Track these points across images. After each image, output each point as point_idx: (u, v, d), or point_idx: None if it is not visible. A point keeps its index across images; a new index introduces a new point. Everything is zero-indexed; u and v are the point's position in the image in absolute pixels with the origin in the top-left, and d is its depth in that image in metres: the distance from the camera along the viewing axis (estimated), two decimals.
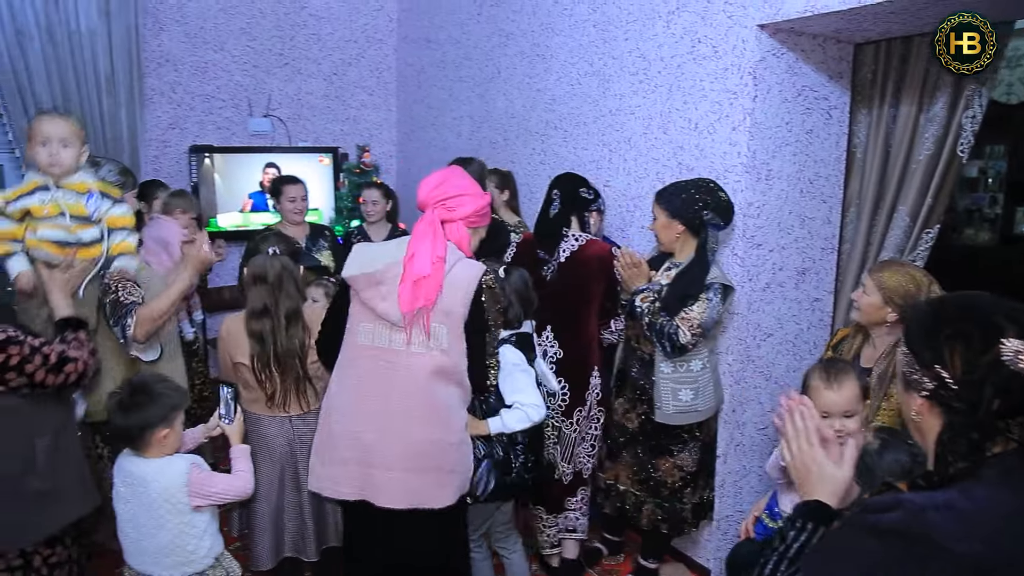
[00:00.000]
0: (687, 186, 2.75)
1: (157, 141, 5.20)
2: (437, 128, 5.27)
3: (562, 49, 3.82)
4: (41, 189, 2.36)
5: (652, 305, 2.73)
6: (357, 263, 2.26)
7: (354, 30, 5.73)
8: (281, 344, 2.64)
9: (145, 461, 2.18)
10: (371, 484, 2.22)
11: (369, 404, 2.24)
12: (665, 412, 2.77)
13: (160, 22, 5.10)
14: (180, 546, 2.20)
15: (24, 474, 2.06)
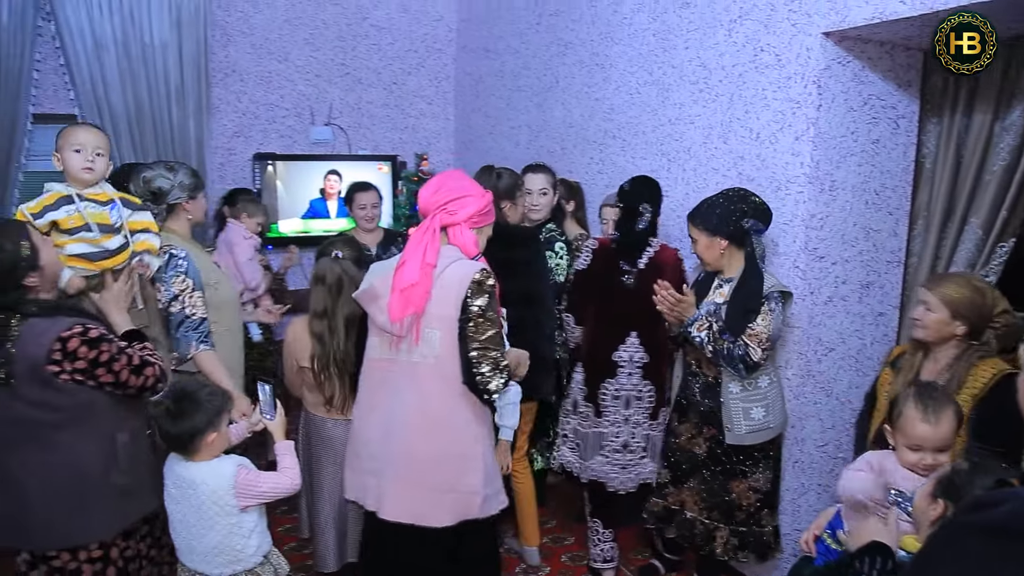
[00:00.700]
0: (719, 200, 2.70)
1: (223, 149, 5.36)
2: (495, 137, 5.30)
3: (621, 58, 3.81)
4: (65, 201, 2.39)
5: (711, 332, 2.66)
6: (366, 281, 2.36)
7: (414, 40, 5.81)
8: (339, 347, 2.69)
9: (194, 465, 2.22)
10: (381, 495, 2.26)
11: (377, 416, 2.30)
12: (737, 433, 2.70)
13: (228, 34, 5.25)
14: (230, 546, 2.24)
15: (108, 469, 2.16)
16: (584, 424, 3.04)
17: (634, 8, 3.69)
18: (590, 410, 3.02)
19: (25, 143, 4.75)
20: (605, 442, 3.01)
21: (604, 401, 3.00)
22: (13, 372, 1.99)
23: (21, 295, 2.05)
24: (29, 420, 2.05)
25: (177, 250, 2.73)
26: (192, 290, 2.70)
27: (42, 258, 2.11)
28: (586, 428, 3.04)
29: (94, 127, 2.57)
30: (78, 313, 2.16)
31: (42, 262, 2.11)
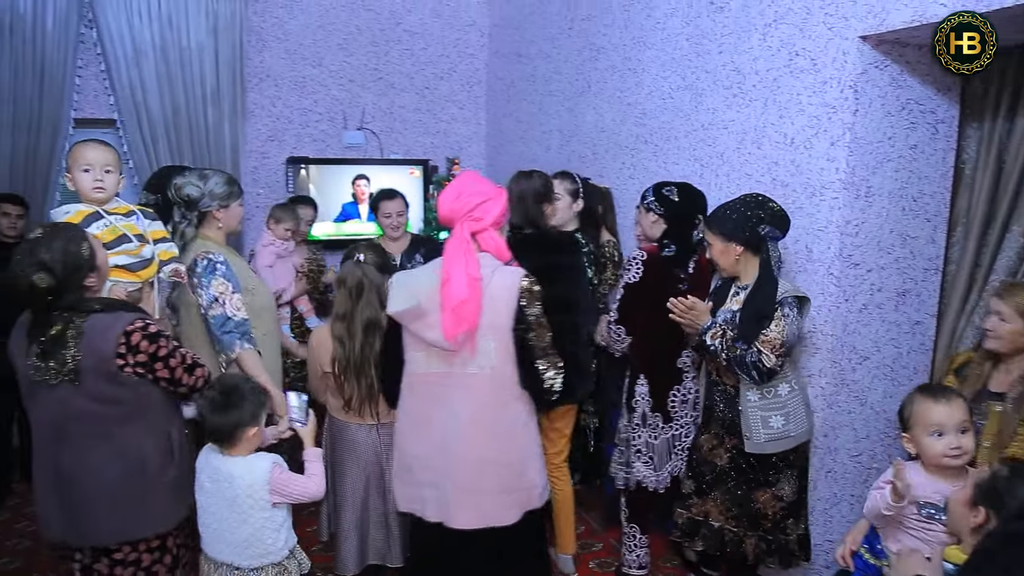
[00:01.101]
0: (736, 205, 2.68)
1: (257, 153, 5.43)
2: (526, 142, 5.31)
3: (654, 63, 3.79)
4: (93, 217, 2.44)
5: (723, 340, 2.65)
6: (401, 297, 2.30)
7: (446, 45, 5.84)
8: (356, 350, 2.71)
9: (232, 459, 2.28)
10: (445, 506, 2.29)
11: (434, 429, 2.30)
12: (756, 442, 2.67)
13: (263, 39, 5.32)
14: (260, 539, 2.30)
15: (164, 463, 2.23)
16: (654, 434, 3.05)
17: (667, 13, 3.68)
18: (659, 419, 3.04)
19: (67, 147, 4.86)
20: (676, 443, 3.05)
21: (674, 407, 3.03)
22: (80, 368, 2.05)
23: (82, 295, 2.11)
24: (93, 415, 2.11)
25: (214, 255, 2.78)
26: (232, 292, 2.75)
27: (98, 259, 2.18)
28: (656, 438, 3.04)
29: (101, 143, 2.58)
30: (135, 309, 2.23)
31: (98, 263, 2.18)
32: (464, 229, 2.27)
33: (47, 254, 2.02)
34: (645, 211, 3.07)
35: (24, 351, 2.12)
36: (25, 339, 2.12)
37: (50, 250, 2.03)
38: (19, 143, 4.70)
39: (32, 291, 2.02)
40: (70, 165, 2.50)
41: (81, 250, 2.10)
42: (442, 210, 2.34)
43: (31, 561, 3.70)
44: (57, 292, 2.04)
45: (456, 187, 2.35)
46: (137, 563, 2.22)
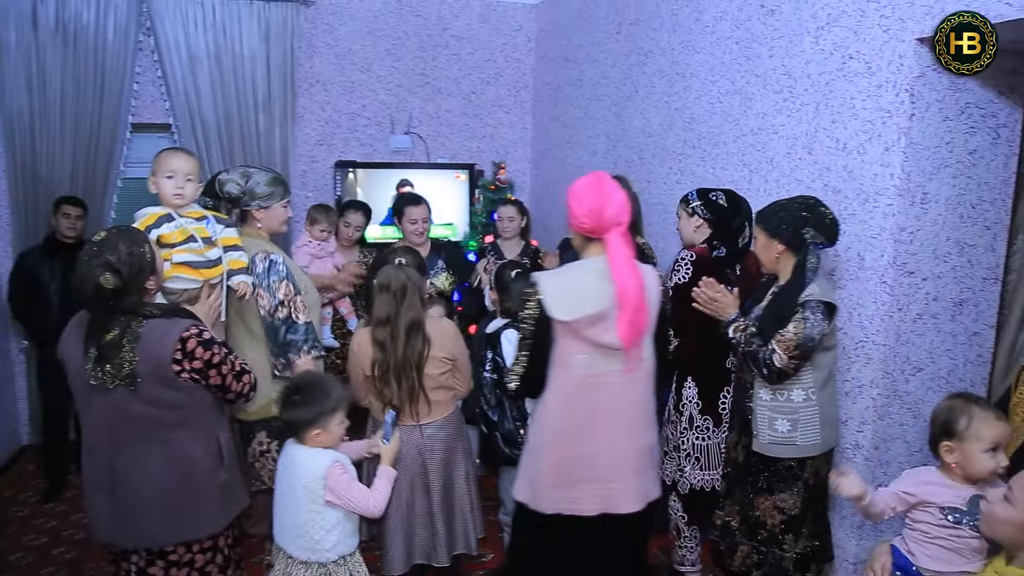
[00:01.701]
0: (788, 204, 2.64)
1: (306, 156, 5.52)
2: (572, 146, 5.30)
3: (703, 67, 3.75)
4: (165, 219, 2.52)
5: (744, 333, 2.65)
6: (571, 304, 2.30)
7: (493, 50, 5.87)
8: (399, 353, 2.73)
9: (300, 447, 2.42)
10: (610, 497, 2.39)
11: (599, 427, 2.38)
12: (760, 441, 2.65)
13: (313, 45, 5.41)
14: (307, 532, 2.38)
15: (215, 466, 2.28)
16: (703, 437, 3.04)
17: (717, 17, 3.64)
18: (708, 422, 3.02)
19: (124, 151, 5.01)
20: (725, 447, 3.01)
21: (724, 410, 3.01)
22: (137, 372, 2.09)
23: (141, 298, 2.17)
24: (149, 419, 2.16)
25: (274, 255, 2.81)
26: (295, 295, 2.78)
27: (157, 263, 2.24)
28: (705, 441, 3.04)
29: (185, 152, 2.68)
30: (190, 316, 2.27)
31: (157, 267, 2.24)
32: (621, 234, 2.34)
33: (113, 255, 2.08)
34: (688, 215, 3.03)
35: (79, 354, 2.15)
36: (80, 343, 2.15)
37: (116, 252, 2.08)
38: (80, 147, 4.85)
39: (98, 292, 2.06)
40: (155, 170, 2.60)
41: (144, 252, 2.15)
42: (591, 219, 2.32)
43: (86, 552, 3.81)
44: (120, 293, 2.09)
45: (602, 193, 2.34)
46: (191, 564, 2.26)
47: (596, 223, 2.32)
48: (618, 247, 2.31)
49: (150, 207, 2.59)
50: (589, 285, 2.32)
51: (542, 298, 2.30)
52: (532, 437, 2.50)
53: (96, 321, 2.14)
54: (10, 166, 4.79)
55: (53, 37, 4.72)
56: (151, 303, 2.22)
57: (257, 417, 2.89)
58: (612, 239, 2.32)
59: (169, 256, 2.46)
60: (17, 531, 4.03)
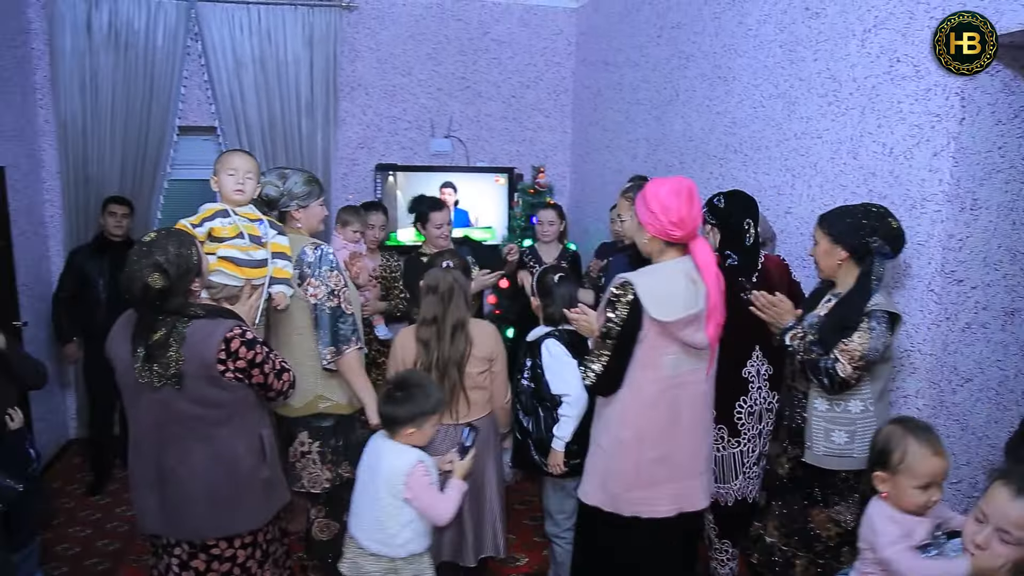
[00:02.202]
0: (854, 210, 2.57)
1: (347, 160, 5.58)
2: (612, 150, 5.28)
3: (745, 71, 3.71)
4: (221, 214, 2.59)
5: (803, 342, 2.57)
6: (669, 304, 2.35)
7: (533, 54, 5.87)
8: (444, 352, 2.80)
9: (388, 441, 2.51)
10: (685, 495, 2.47)
11: (683, 427, 2.45)
12: (815, 453, 2.59)
13: (356, 50, 5.48)
14: (383, 527, 2.44)
15: (257, 463, 2.32)
16: (717, 448, 2.96)
17: (760, 20, 3.59)
18: (723, 431, 2.94)
19: (171, 153, 5.12)
20: (745, 459, 2.94)
21: (740, 419, 2.93)
22: (182, 372, 2.14)
23: (187, 299, 2.22)
24: (194, 417, 2.20)
25: (325, 245, 2.84)
26: (344, 285, 2.82)
27: (203, 266, 2.29)
28: (721, 451, 2.96)
29: (245, 153, 2.76)
30: (233, 316, 2.32)
31: (203, 269, 2.29)
32: (701, 238, 2.42)
33: (161, 256, 2.12)
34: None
35: (127, 353, 2.21)
36: (128, 342, 2.21)
37: (164, 252, 2.13)
38: (129, 149, 4.98)
39: (145, 291, 2.11)
40: (217, 169, 2.67)
41: (191, 254, 2.20)
42: (682, 228, 2.37)
43: (129, 544, 3.90)
44: (167, 294, 2.13)
45: (691, 202, 2.38)
46: (233, 559, 2.31)
47: (686, 231, 2.37)
48: (706, 250, 2.41)
49: (211, 203, 2.67)
50: (682, 286, 2.37)
51: (639, 298, 2.33)
52: (605, 440, 2.49)
53: (143, 321, 2.19)
54: (63, 167, 4.93)
55: (106, 43, 4.85)
56: (196, 304, 2.26)
57: (300, 414, 2.91)
58: (699, 243, 2.42)
59: (215, 250, 2.51)
60: (64, 522, 4.13)
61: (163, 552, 2.35)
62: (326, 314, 2.78)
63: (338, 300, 2.78)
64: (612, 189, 4.98)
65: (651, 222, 2.40)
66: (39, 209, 4.97)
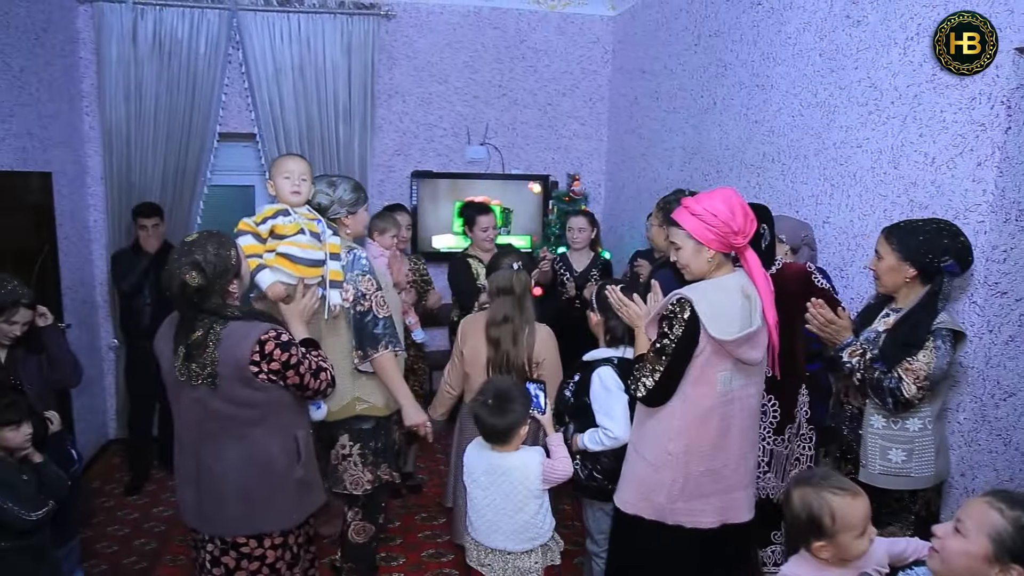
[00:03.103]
0: (924, 227, 2.48)
1: (383, 166, 5.63)
2: (647, 159, 5.25)
3: (784, 79, 3.67)
4: (282, 213, 2.66)
5: (863, 359, 2.50)
6: (726, 322, 2.30)
7: (570, 62, 5.87)
8: (512, 352, 2.94)
9: (507, 454, 2.57)
10: (731, 508, 2.46)
11: (733, 441, 2.43)
12: (870, 472, 2.51)
13: (393, 57, 5.53)
14: (535, 524, 2.58)
15: (291, 464, 2.37)
16: None
17: (800, 28, 3.55)
18: None
19: (211, 159, 5.21)
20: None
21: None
22: (217, 372, 2.19)
23: (224, 300, 2.27)
24: (229, 416, 2.26)
25: (359, 250, 2.88)
26: (377, 289, 2.84)
27: (242, 268, 2.35)
28: None
29: (299, 157, 2.83)
30: (269, 319, 2.36)
31: (242, 271, 2.35)
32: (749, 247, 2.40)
33: (200, 255, 2.19)
34: None
35: (170, 351, 2.28)
36: (172, 341, 2.28)
37: (204, 252, 2.19)
38: (170, 155, 5.08)
39: (183, 288, 2.17)
40: (273, 173, 2.74)
41: (230, 255, 2.26)
42: (744, 237, 2.36)
43: (165, 544, 3.96)
44: (204, 292, 2.19)
45: (747, 209, 2.38)
46: (262, 558, 2.35)
47: (748, 236, 2.37)
48: (756, 260, 2.39)
49: (270, 204, 2.74)
50: (738, 303, 2.34)
51: (698, 316, 2.29)
52: (651, 453, 2.46)
53: (184, 320, 2.25)
54: (107, 173, 5.05)
55: (150, 52, 4.96)
56: (233, 305, 2.31)
57: (339, 417, 2.94)
58: (751, 255, 2.40)
59: (275, 247, 2.59)
60: (103, 521, 4.22)
61: (200, 546, 2.41)
62: (355, 318, 2.82)
63: (369, 304, 2.81)
64: (647, 197, 4.96)
65: (714, 237, 2.34)
66: (83, 214, 5.10)
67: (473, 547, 2.66)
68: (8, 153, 3.95)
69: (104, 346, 5.20)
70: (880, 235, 2.58)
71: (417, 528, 4.09)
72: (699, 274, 2.45)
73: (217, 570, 2.36)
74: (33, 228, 4.22)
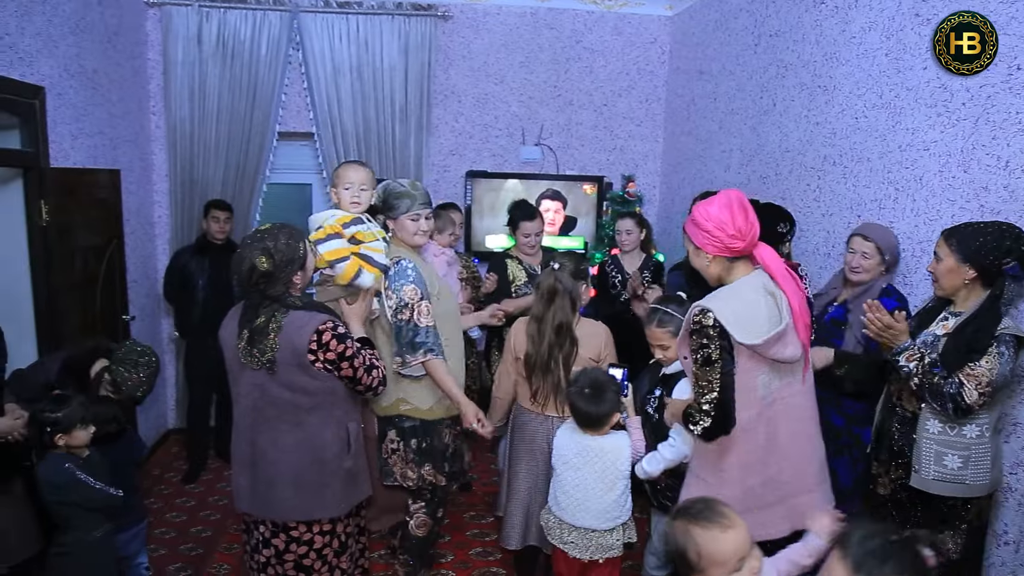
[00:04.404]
0: (986, 228, 2.41)
1: (438, 166, 5.67)
2: (704, 160, 5.18)
3: (847, 80, 3.57)
4: (357, 221, 2.76)
5: (921, 364, 2.42)
6: (753, 326, 2.20)
7: (626, 62, 5.82)
8: (547, 349, 2.96)
9: (600, 438, 2.70)
10: (799, 513, 2.30)
11: (782, 444, 2.33)
12: (923, 477, 2.44)
13: (449, 58, 5.56)
14: (620, 503, 2.71)
15: (341, 453, 2.45)
16: None
17: (865, 27, 3.45)
18: None
19: (270, 158, 5.31)
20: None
21: None
22: (276, 359, 2.29)
23: (288, 290, 2.36)
24: (285, 402, 2.35)
25: (405, 260, 2.91)
26: (420, 299, 2.87)
27: (308, 262, 2.43)
28: None
29: (360, 165, 2.92)
30: (328, 311, 2.45)
31: (307, 265, 2.43)
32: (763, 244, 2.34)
33: (271, 243, 2.30)
34: None
35: (234, 336, 2.39)
36: (236, 326, 2.40)
37: (275, 240, 2.31)
38: (232, 154, 5.20)
39: (252, 272, 2.28)
40: (335, 182, 2.87)
41: (299, 246, 2.36)
42: (743, 239, 2.26)
43: (220, 532, 4.06)
44: (270, 278, 2.29)
45: (743, 210, 2.28)
46: (310, 543, 2.43)
47: (746, 241, 2.27)
48: (775, 258, 2.31)
49: (335, 211, 2.85)
50: (762, 304, 2.25)
51: (721, 324, 2.18)
52: (708, 474, 2.37)
53: (249, 305, 2.36)
54: (171, 170, 5.20)
55: (214, 53, 5.08)
56: (296, 296, 2.40)
57: (385, 414, 3.04)
58: (766, 252, 2.32)
59: (356, 250, 2.70)
60: (162, 507, 4.35)
61: (252, 528, 2.50)
62: (397, 325, 2.88)
63: (409, 313, 2.84)
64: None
65: (708, 241, 2.28)
66: (148, 210, 5.25)
67: (556, 526, 2.75)
68: (81, 151, 4.09)
69: (166, 338, 5.35)
70: (940, 236, 2.51)
71: (466, 526, 4.11)
72: (711, 278, 2.38)
73: (267, 551, 2.46)
74: (102, 223, 4.36)
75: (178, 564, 3.72)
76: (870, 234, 3.04)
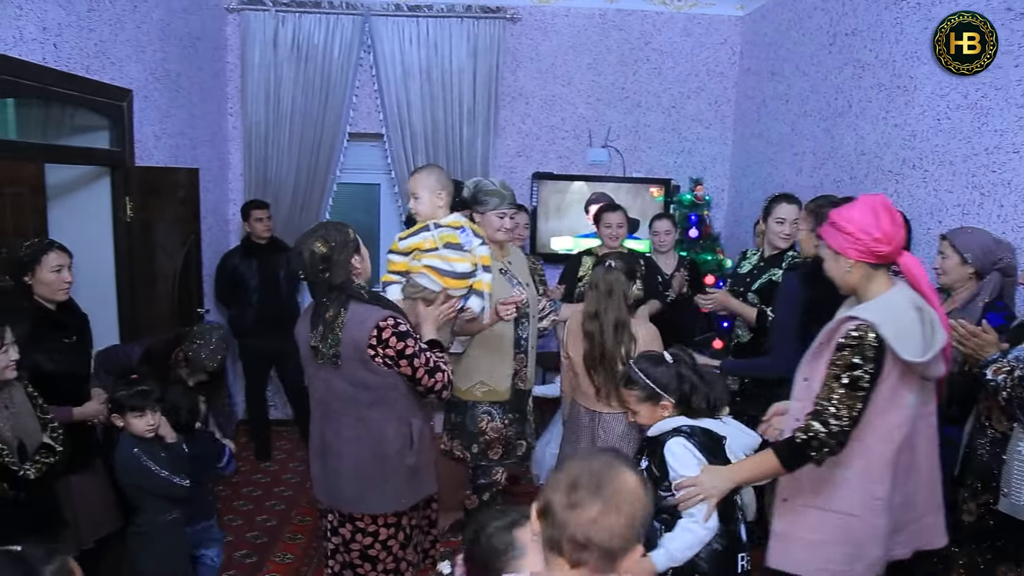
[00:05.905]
0: None
1: (505, 168, 5.69)
2: (775, 164, 5.07)
3: (929, 80, 3.45)
4: (423, 229, 2.72)
5: (1010, 377, 2.27)
6: (915, 343, 2.07)
7: (695, 63, 5.75)
8: (606, 347, 2.97)
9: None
10: (921, 533, 2.28)
11: (921, 463, 2.26)
12: (1014, 502, 2.29)
13: (517, 60, 5.58)
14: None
15: (404, 449, 2.47)
16: None
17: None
18: None
19: (340, 158, 5.43)
20: None
21: None
22: (340, 353, 2.35)
23: (350, 276, 2.41)
24: (348, 396, 2.41)
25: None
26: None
27: (361, 248, 2.48)
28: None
29: (416, 172, 2.80)
30: (391, 306, 2.47)
31: (361, 250, 2.48)
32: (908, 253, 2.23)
33: (323, 232, 2.40)
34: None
35: (308, 332, 2.46)
36: (309, 322, 2.46)
37: (327, 230, 2.41)
38: (304, 154, 5.34)
39: (311, 256, 2.35)
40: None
41: (349, 233, 2.44)
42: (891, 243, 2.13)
43: (285, 521, 4.18)
44: (330, 261, 2.35)
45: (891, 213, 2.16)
46: (375, 535, 2.49)
47: (893, 245, 2.12)
48: (919, 267, 2.20)
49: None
50: (916, 318, 2.11)
51: (885, 340, 2.05)
52: (849, 503, 2.17)
53: (319, 302, 2.42)
54: (246, 169, 5.36)
55: (289, 56, 5.23)
56: (361, 285, 2.44)
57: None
58: (911, 261, 2.19)
59: (420, 258, 2.66)
60: (239, 483, 4.64)
61: (324, 514, 2.60)
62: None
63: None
64: None
65: (851, 245, 2.13)
66: (224, 207, 5.42)
67: None
68: (164, 151, 4.26)
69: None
70: None
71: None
72: (846, 287, 2.23)
73: (336, 539, 2.55)
74: (181, 220, 4.52)
75: (244, 551, 3.84)
76: (950, 235, 2.87)
